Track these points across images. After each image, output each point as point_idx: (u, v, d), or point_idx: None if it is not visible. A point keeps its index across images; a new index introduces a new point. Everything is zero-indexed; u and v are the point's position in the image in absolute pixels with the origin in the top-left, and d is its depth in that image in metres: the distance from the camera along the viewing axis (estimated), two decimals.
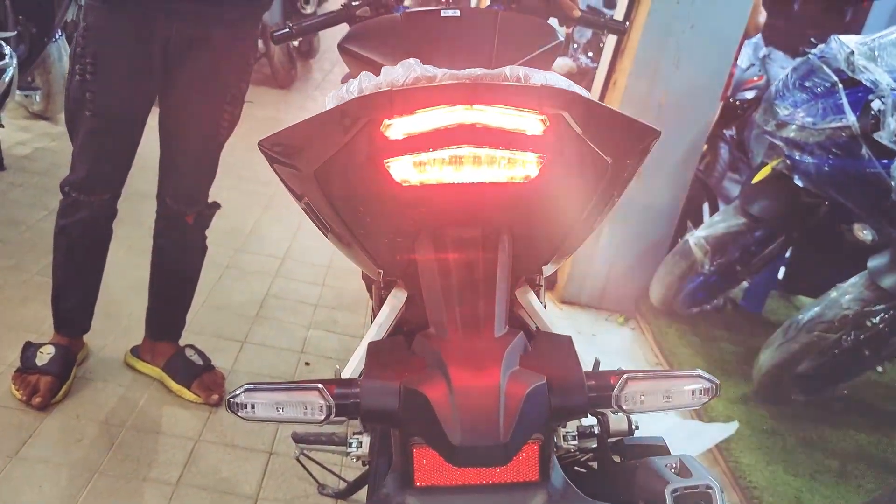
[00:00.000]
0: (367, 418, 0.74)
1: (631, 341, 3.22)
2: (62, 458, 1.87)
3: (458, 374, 0.70)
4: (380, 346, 0.82)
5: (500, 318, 0.80)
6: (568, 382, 0.74)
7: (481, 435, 0.67)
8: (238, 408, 0.74)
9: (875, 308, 2.39)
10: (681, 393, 0.75)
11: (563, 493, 0.76)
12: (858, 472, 2.43)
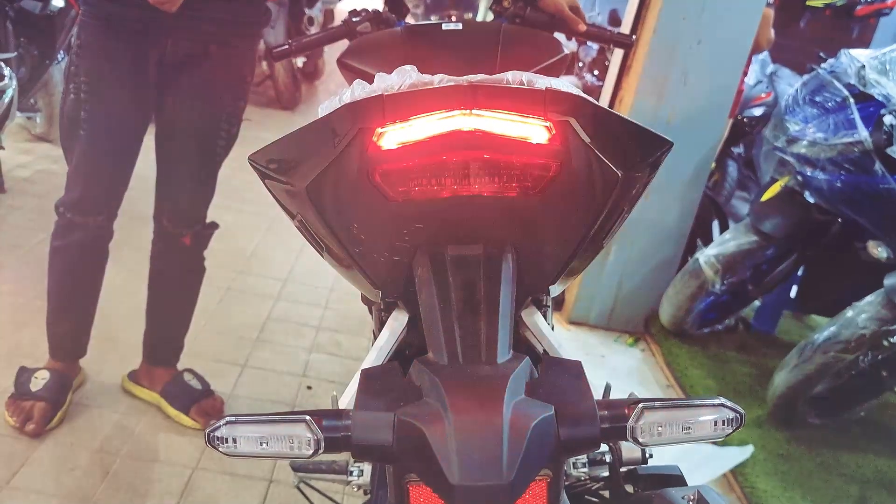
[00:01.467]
0: (359, 453, 0.68)
1: (641, 363, 3.15)
2: (55, 488, 1.81)
3: (457, 405, 0.64)
4: (373, 373, 0.76)
5: (503, 343, 0.74)
6: (578, 412, 0.68)
7: (483, 473, 0.61)
8: (219, 442, 0.68)
9: (893, 327, 2.32)
10: (702, 424, 0.69)
11: None
12: (879, 500, 2.35)
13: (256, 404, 2.29)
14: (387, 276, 0.92)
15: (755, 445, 2.48)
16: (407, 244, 0.82)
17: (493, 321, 0.75)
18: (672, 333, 3.16)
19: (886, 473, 2.50)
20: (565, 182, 0.76)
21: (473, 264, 0.78)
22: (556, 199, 0.78)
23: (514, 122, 0.71)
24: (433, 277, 0.78)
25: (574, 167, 0.75)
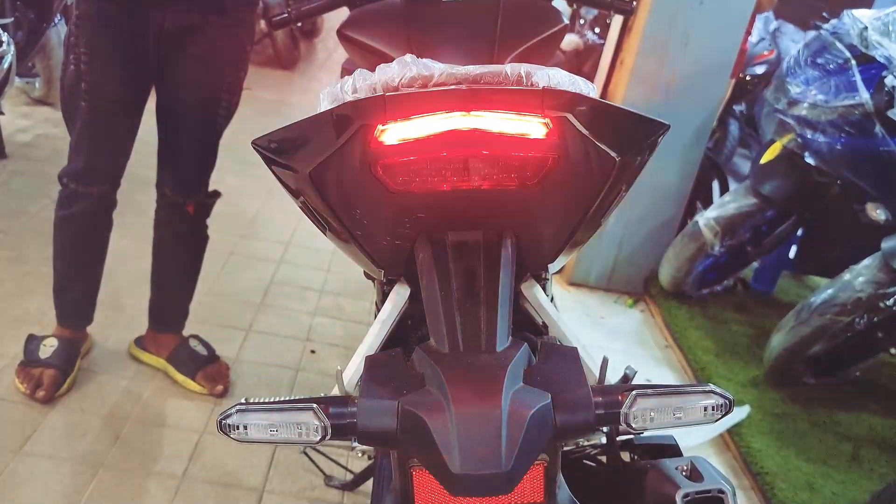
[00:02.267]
0: (364, 439, 0.71)
1: (640, 323, 3.18)
2: (67, 453, 1.86)
3: (458, 396, 0.67)
4: (378, 360, 0.79)
5: (502, 330, 0.76)
6: (574, 400, 0.70)
7: (482, 463, 0.64)
8: (230, 429, 0.71)
9: (889, 290, 2.34)
10: (692, 409, 0.72)
11: None
12: (871, 457, 2.40)
13: (261, 369, 2.33)
14: (389, 257, 0.94)
15: (751, 405, 2.53)
16: (408, 230, 0.84)
17: (493, 308, 0.77)
18: (671, 294, 3.19)
19: (879, 431, 2.55)
20: (563, 171, 0.78)
21: (473, 249, 0.79)
22: (554, 187, 0.79)
23: (513, 120, 0.72)
24: (434, 264, 0.80)
25: (571, 157, 0.77)
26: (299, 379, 2.33)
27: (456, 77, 0.73)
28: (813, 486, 2.18)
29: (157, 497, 1.79)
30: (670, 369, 2.86)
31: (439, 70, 0.73)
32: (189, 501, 1.80)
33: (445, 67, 0.74)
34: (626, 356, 2.90)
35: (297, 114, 2.71)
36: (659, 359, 2.93)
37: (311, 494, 1.90)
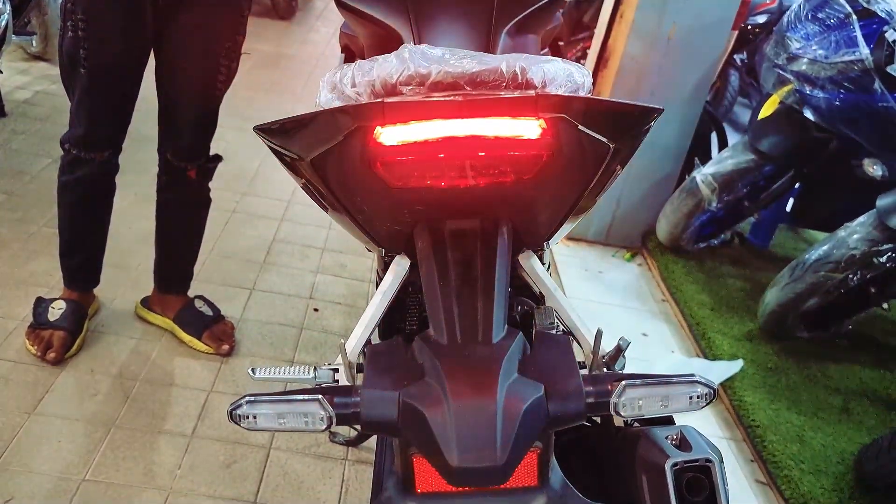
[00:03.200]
0: (368, 428, 0.75)
1: (637, 277, 3.22)
2: (78, 413, 1.92)
3: (455, 390, 0.70)
4: (379, 349, 0.82)
5: (498, 321, 0.80)
6: (566, 390, 0.74)
7: (478, 456, 0.68)
8: (240, 419, 0.75)
9: (882, 248, 2.38)
10: (678, 398, 0.76)
11: (562, 494, 0.78)
12: (861, 410, 2.46)
13: (266, 328, 2.38)
14: (389, 239, 0.97)
15: (745, 359, 2.58)
16: (407, 219, 0.86)
17: (489, 299, 0.80)
18: (668, 249, 3.22)
19: (869, 384, 2.61)
20: (558, 163, 0.80)
21: (471, 238, 0.82)
22: (550, 178, 0.82)
23: (508, 123, 0.74)
24: (433, 253, 0.83)
25: (566, 150, 0.79)
26: (303, 337, 2.38)
27: (453, 75, 0.75)
28: (803, 439, 2.25)
29: (168, 455, 1.86)
30: (667, 323, 2.91)
31: (436, 68, 0.75)
32: (199, 459, 1.86)
33: (442, 64, 0.76)
34: (624, 310, 2.96)
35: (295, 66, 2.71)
36: (655, 313, 2.98)
37: (316, 451, 1.96)
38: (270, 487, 1.83)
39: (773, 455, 2.18)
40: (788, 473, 2.11)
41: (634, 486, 0.96)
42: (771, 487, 2.15)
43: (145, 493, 1.74)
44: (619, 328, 2.81)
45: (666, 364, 2.60)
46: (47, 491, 1.69)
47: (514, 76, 0.76)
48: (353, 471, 1.93)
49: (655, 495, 0.93)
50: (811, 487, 2.05)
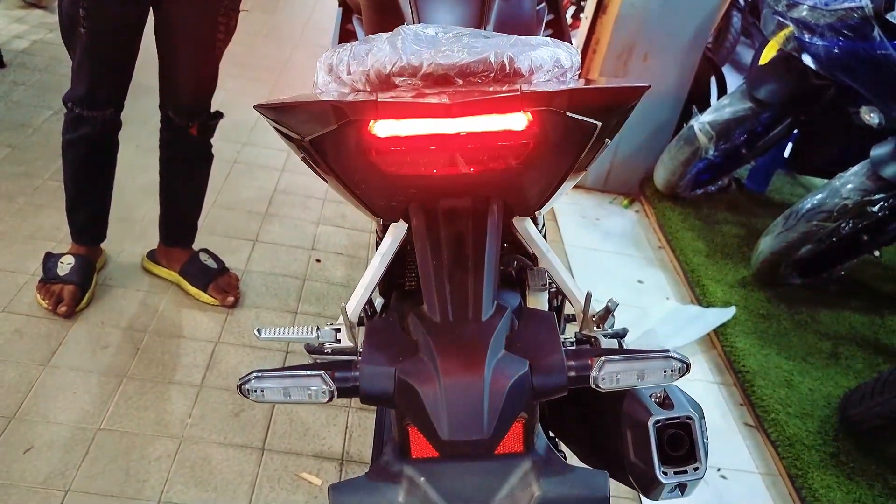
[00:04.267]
0: (366, 400, 0.81)
1: (635, 224, 3.27)
2: (91, 365, 1.99)
3: (446, 368, 0.76)
4: (376, 326, 0.88)
5: (487, 299, 0.85)
6: (549, 366, 0.79)
7: (467, 430, 0.74)
8: (248, 392, 0.81)
9: (875, 197, 2.41)
10: (653, 372, 0.81)
11: (547, 459, 0.84)
12: (849, 354, 2.53)
13: (269, 279, 2.44)
14: (386, 212, 1.02)
15: (738, 306, 2.65)
16: (403, 198, 0.90)
17: (479, 278, 0.85)
18: (665, 196, 3.26)
19: (858, 329, 2.68)
20: (545, 148, 0.83)
21: (463, 216, 0.87)
22: (538, 160, 0.85)
23: (496, 118, 0.77)
24: (427, 233, 0.87)
25: (553, 135, 0.83)
26: (306, 288, 2.44)
27: (444, 67, 0.78)
28: (791, 383, 2.33)
29: (179, 405, 1.93)
30: (662, 270, 2.97)
31: (427, 60, 0.78)
32: (208, 408, 1.94)
33: (434, 52, 0.79)
34: (620, 258, 3.01)
35: (294, 11, 2.67)
36: (652, 260, 3.03)
37: None
38: (278, 435, 1.91)
39: (761, 399, 2.26)
40: (775, 417, 2.19)
41: (620, 442, 1.02)
42: (759, 430, 2.23)
43: (158, 440, 1.82)
44: (615, 275, 2.87)
45: (660, 311, 2.66)
46: (65, 440, 1.77)
47: (501, 66, 0.79)
48: (357, 417, 2.01)
49: (639, 450, 0.99)
50: (797, 430, 2.14)
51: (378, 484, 0.82)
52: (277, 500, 1.74)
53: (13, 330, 2.03)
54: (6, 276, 2.20)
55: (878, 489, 2.00)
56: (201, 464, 1.79)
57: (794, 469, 2.04)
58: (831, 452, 2.08)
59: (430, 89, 0.77)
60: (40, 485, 1.66)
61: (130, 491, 1.69)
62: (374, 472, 0.83)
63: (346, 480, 0.83)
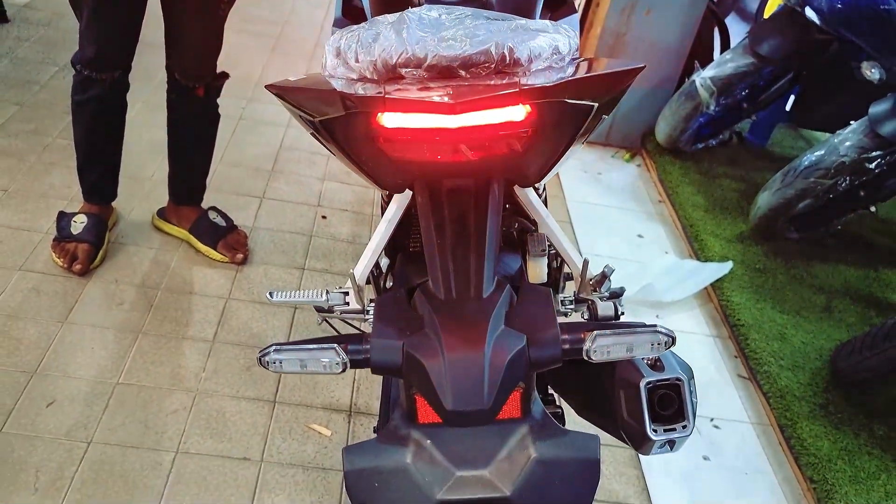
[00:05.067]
0: (377, 371, 0.87)
1: (636, 178, 3.31)
2: (107, 321, 2.06)
3: (450, 343, 0.82)
4: (385, 301, 0.93)
5: (488, 277, 0.90)
6: (545, 339, 0.85)
7: (469, 401, 0.80)
8: (268, 364, 0.87)
9: (872, 154, 2.44)
10: (642, 345, 0.87)
11: (542, 424, 0.91)
12: (842, 307, 2.60)
13: (277, 236, 2.50)
14: (392, 186, 1.07)
15: (735, 260, 2.70)
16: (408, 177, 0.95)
17: (480, 257, 0.90)
18: (666, 150, 3.29)
19: (852, 283, 2.74)
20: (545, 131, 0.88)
21: (465, 195, 0.92)
22: (538, 143, 0.90)
23: (495, 113, 0.81)
24: (431, 212, 0.92)
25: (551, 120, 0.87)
26: (313, 245, 2.50)
27: (447, 59, 0.82)
28: (784, 336, 2.40)
29: (193, 359, 2.01)
30: (662, 224, 3.02)
31: (431, 52, 0.82)
32: (221, 363, 2.02)
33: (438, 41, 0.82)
34: (621, 212, 3.06)
35: None
36: (652, 214, 3.08)
37: None
38: (288, 388, 1.99)
39: (754, 352, 2.33)
40: (768, 369, 2.26)
41: (614, 402, 1.09)
42: (751, 381, 2.31)
43: (175, 394, 1.91)
44: (616, 230, 2.92)
45: (659, 266, 2.72)
46: (85, 394, 1.85)
47: (502, 56, 0.83)
48: (364, 372, 2.08)
49: (632, 410, 1.06)
50: (788, 382, 2.22)
51: (388, 446, 0.89)
52: (289, 450, 1.83)
53: (31, 288, 2.10)
54: (21, 235, 2.26)
55: (863, 438, 2.08)
56: (216, 416, 1.87)
57: (784, 419, 2.12)
58: (820, 403, 2.16)
59: (435, 82, 0.82)
60: (64, 437, 1.74)
61: (149, 442, 1.78)
62: (384, 435, 0.90)
63: (358, 443, 0.90)
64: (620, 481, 1.93)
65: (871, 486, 1.95)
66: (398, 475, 0.86)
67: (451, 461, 0.87)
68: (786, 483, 2.02)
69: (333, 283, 2.36)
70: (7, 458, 1.67)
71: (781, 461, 2.08)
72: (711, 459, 2.05)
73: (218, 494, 1.70)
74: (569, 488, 0.86)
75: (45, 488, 1.63)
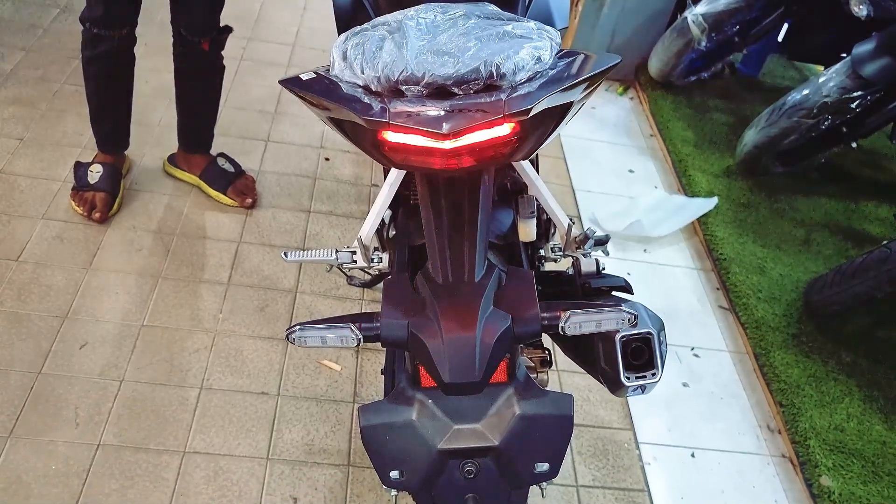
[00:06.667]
0: (386, 345, 1.02)
1: (628, 112, 3.39)
2: (128, 266, 2.20)
3: (447, 326, 0.96)
4: (392, 283, 1.07)
5: (480, 262, 1.04)
6: (527, 317, 0.99)
7: (463, 374, 0.95)
8: (294, 340, 1.01)
9: (854, 95, 2.53)
10: (609, 322, 1.01)
11: (525, 386, 1.06)
12: (821, 240, 2.74)
13: (283, 179, 2.62)
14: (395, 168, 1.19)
15: (720, 196, 2.83)
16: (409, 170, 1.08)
17: (473, 244, 1.04)
18: (659, 84, 3.36)
19: (833, 216, 2.87)
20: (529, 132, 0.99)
21: (459, 185, 1.04)
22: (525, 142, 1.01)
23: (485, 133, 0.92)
24: (430, 201, 1.05)
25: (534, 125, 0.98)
26: (317, 187, 2.62)
27: (442, 78, 0.92)
28: (763, 270, 2.55)
29: (210, 301, 2.17)
30: (653, 159, 3.12)
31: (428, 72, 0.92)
32: (237, 304, 2.17)
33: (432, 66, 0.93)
34: (613, 147, 3.16)
35: None
36: (643, 148, 3.18)
37: (336, 293, 2.27)
38: None
39: (735, 285, 2.49)
40: (746, 301, 2.43)
41: (594, 352, 1.25)
42: (731, 312, 2.48)
43: (195, 334, 2.07)
44: (608, 166, 3.04)
45: (648, 201, 2.84)
46: (114, 336, 2.01)
47: (490, 74, 0.93)
48: (369, 309, 2.25)
49: (608, 359, 1.22)
50: (764, 313, 2.38)
51: (396, 406, 1.05)
52: (303, 385, 2.00)
53: (54, 236, 2.23)
54: (40, 184, 2.38)
55: (831, 365, 2.26)
56: (234, 354, 2.04)
57: (759, 348, 2.30)
58: (793, 333, 2.33)
59: (432, 101, 0.93)
60: (98, 376, 1.91)
61: (176, 379, 1.95)
62: (393, 396, 1.07)
63: (371, 403, 1.06)
64: (606, 408, 2.12)
65: (835, 410, 2.14)
66: (405, 429, 1.03)
67: (449, 417, 1.03)
68: (757, 407, 2.21)
69: (338, 225, 2.49)
70: (48, 397, 1.84)
71: (755, 387, 2.26)
72: (690, 386, 2.24)
73: (240, 426, 1.88)
74: (547, 439, 1.03)
75: (85, 423, 1.81)
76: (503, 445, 1.02)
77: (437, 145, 0.89)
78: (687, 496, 1.94)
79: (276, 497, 1.75)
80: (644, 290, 2.47)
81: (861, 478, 1.96)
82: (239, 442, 1.84)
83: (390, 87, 0.96)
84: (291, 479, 1.79)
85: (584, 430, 2.05)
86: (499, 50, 0.96)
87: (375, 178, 2.71)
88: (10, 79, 2.76)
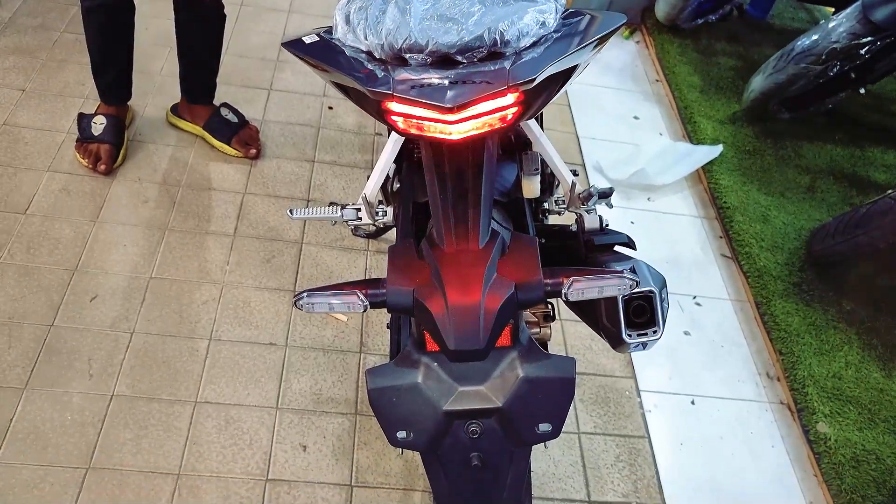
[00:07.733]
0: (392, 311, 1.04)
1: (634, 56, 3.35)
2: (135, 219, 2.22)
3: (452, 294, 0.97)
4: (397, 251, 1.08)
5: (484, 228, 1.04)
6: (531, 284, 1.01)
7: (468, 342, 0.97)
8: (302, 306, 1.03)
9: (864, 41, 2.50)
10: (610, 288, 1.02)
11: (528, 349, 1.08)
12: (825, 187, 2.74)
13: (286, 128, 2.61)
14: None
15: (726, 143, 2.82)
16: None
17: (477, 210, 1.04)
18: (666, 27, 3.31)
19: (838, 162, 2.86)
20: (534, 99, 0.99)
21: (463, 152, 1.04)
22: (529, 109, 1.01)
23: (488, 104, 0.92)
24: (434, 167, 1.06)
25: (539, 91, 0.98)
26: (321, 136, 2.62)
27: (446, 46, 0.92)
28: (766, 218, 2.55)
29: (217, 252, 2.19)
30: (658, 105, 3.10)
31: (432, 39, 0.92)
32: (243, 255, 2.19)
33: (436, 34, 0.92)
34: (618, 93, 3.13)
35: None
36: (649, 94, 3.15)
37: (342, 244, 2.29)
38: (306, 277, 2.18)
39: (738, 233, 2.50)
40: (749, 250, 2.44)
41: (597, 309, 1.27)
42: (733, 261, 2.49)
43: (203, 286, 2.10)
44: (613, 112, 3.02)
45: (653, 148, 2.83)
46: (123, 288, 2.04)
47: (494, 41, 0.93)
48: (374, 260, 2.27)
49: (610, 317, 1.24)
50: (766, 262, 2.40)
51: (403, 369, 1.07)
52: (310, 335, 2.04)
53: (60, 189, 2.24)
54: (45, 136, 2.38)
55: (831, 313, 2.29)
56: (242, 306, 2.07)
57: (760, 297, 2.32)
58: (795, 282, 2.35)
59: (435, 69, 0.93)
60: (109, 328, 1.95)
61: (185, 331, 1.98)
62: (400, 360, 1.09)
63: (379, 366, 1.08)
64: (608, 357, 2.15)
65: (833, 357, 2.17)
66: (412, 391, 1.06)
67: (454, 379, 1.06)
68: (758, 355, 2.24)
69: (342, 175, 2.49)
70: (62, 349, 1.88)
71: (756, 335, 2.30)
72: (692, 334, 2.27)
73: (250, 376, 1.92)
74: (549, 401, 1.05)
75: (99, 374, 1.85)
76: (507, 407, 1.05)
77: (442, 117, 0.90)
78: (686, 442, 1.99)
79: (286, 444, 1.80)
80: (647, 239, 2.48)
81: (857, 424, 2.01)
82: (248, 392, 1.89)
83: (394, 54, 0.96)
84: (300, 428, 1.84)
85: (587, 378, 2.09)
86: (503, 15, 0.95)
87: (379, 127, 2.70)
88: (9, 27, 2.73)
